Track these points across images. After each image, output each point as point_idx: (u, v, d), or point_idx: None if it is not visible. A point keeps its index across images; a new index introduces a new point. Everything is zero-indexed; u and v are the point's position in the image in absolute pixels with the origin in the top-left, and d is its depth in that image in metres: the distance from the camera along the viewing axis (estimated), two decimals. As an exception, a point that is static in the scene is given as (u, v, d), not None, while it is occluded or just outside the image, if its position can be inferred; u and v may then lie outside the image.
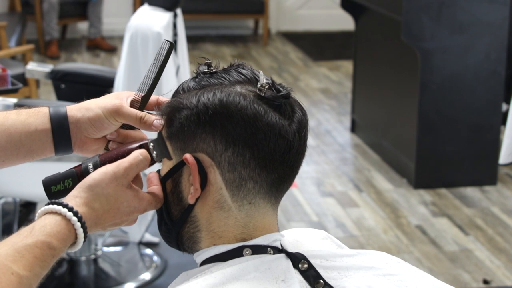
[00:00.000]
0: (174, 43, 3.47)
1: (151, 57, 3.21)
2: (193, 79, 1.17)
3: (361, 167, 4.78)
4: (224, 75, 1.15)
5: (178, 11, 3.55)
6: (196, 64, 1.19)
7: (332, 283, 1.13)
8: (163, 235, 1.20)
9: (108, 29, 7.82)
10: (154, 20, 3.33)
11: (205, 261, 1.14)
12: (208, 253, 1.14)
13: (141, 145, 1.18)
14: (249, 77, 1.14)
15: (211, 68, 1.16)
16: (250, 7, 8.08)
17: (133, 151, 1.16)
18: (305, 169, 4.65)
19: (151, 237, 3.65)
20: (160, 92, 1.60)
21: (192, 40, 7.48)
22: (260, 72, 1.15)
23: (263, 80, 1.12)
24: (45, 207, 1.07)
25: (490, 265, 3.58)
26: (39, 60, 6.85)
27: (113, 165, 1.12)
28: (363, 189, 4.43)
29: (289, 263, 1.13)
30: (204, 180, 1.11)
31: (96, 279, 3.37)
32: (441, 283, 1.19)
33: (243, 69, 1.16)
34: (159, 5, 3.42)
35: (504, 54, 4.34)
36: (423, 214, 4.11)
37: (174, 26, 3.50)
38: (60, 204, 1.07)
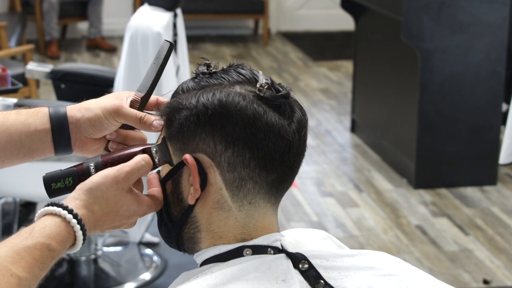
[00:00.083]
0: (174, 43, 3.47)
1: (151, 57, 3.20)
2: (192, 79, 1.17)
3: (361, 167, 4.78)
4: (223, 76, 1.15)
5: (178, 11, 3.54)
6: (196, 64, 1.19)
7: (332, 283, 1.13)
8: (163, 235, 1.19)
9: (108, 29, 7.82)
10: (154, 20, 3.33)
11: (205, 261, 1.14)
12: (208, 253, 1.14)
13: (144, 149, 1.17)
14: (248, 77, 1.14)
15: (210, 69, 1.16)
16: (250, 7, 8.08)
17: (135, 155, 1.16)
18: (305, 169, 4.65)
19: (151, 237, 3.65)
20: (160, 92, 1.60)
21: (192, 40, 7.48)
22: (260, 72, 1.15)
23: (262, 80, 1.12)
24: (44, 208, 1.07)
25: (490, 265, 3.58)
26: (39, 60, 6.85)
27: (115, 168, 1.12)
28: (363, 189, 4.43)
29: (289, 263, 1.13)
30: (204, 181, 1.11)
31: (96, 279, 3.37)
32: (441, 283, 1.19)
33: (242, 69, 1.16)
34: (159, 5, 3.42)
35: (504, 54, 4.33)
36: (423, 214, 4.11)
37: (174, 26, 3.50)
38: (60, 206, 1.07)
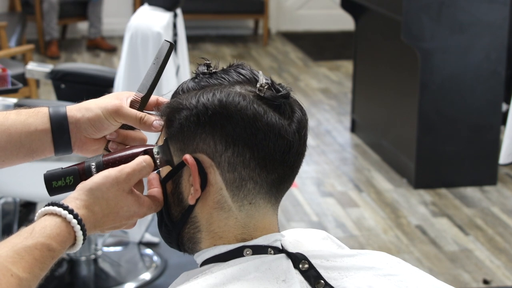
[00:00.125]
0: (174, 43, 3.47)
1: (151, 57, 3.20)
2: (192, 79, 1.17)
3: (361, 167, 4.78)
4: (223, 76, 1.14)
5: (178, 11, 3.54)
6: (196, 64, 1.19)
7: (332, 283, 1.13)
8: (163, 236, 1.19)
9: (108, 29, 7.82)
10: (154, 20, 3.33)
11: (205, 262, 1.14)
12: (209, 253, 1.14)
13: (145, 150, 1.17)
14: (248, 77, 1.14)
15: (210, 69, 1.16)
16: (250, 7, 8.08)
17: (137, 156, 1.15)
18: (305, 169, 4.65)
19: (151, 237, 3.65)
20: (160, 93, 1.60)
21: (192, 40, 7.48)
22: (260, 72, 1.15)
23: (262, 80, 1.12)
24: (45, 207, 1.07)
25: (490, 265, 3.58)
26: (39, 60, 6.85)
27: (116, 169, 1.12)
28: (363, 189, 4.43)
29: (289, 263, 1.13)
30: (204, 181, 1.11)
31: (96, 279, 3.37)
32: (441, 283, 1.19)
33: (242, 69, 1.16)
34: (159, 5, 3.42)
35: (504, 54, 4.33)
36: (423, 214, 4.11)
37: (174, 26, 3.50)
38: (60, 206, 1.06)
